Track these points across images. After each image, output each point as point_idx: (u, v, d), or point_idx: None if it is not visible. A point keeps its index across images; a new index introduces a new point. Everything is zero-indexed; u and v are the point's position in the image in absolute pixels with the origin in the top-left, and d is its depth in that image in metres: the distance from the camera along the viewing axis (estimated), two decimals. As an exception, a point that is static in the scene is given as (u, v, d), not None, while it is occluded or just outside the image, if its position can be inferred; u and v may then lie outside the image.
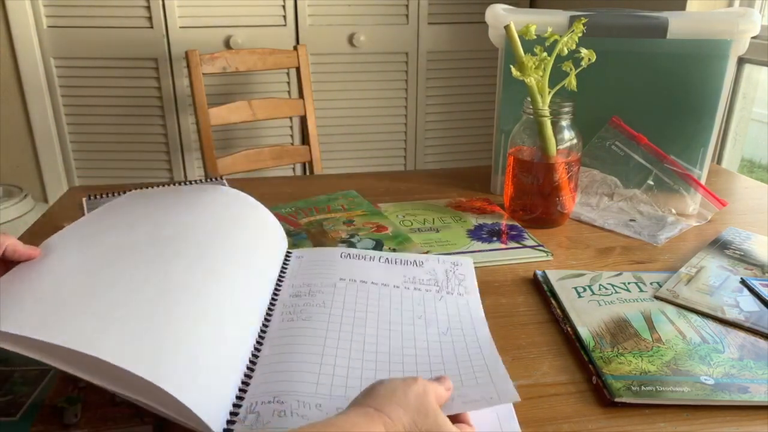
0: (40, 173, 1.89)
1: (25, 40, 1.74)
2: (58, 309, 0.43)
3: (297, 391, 0.46)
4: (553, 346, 0.57)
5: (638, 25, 0.86)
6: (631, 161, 0.89)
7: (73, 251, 0.52)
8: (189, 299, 0.48)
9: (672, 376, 0.51)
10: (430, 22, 1.94)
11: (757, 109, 1.40)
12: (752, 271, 0.70)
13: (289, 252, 0.70)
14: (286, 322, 0.55)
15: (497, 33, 0.88)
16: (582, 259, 0.76)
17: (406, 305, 0.60)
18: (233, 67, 1.64)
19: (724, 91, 0.85)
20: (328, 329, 0.55)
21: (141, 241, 0.54)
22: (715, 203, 0.88)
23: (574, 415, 0.48)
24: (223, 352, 0.47)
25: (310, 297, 0.60)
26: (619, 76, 0.89)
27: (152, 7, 1.75)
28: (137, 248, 0.53)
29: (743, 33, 0.82)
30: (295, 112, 1.77)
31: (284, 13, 1.84)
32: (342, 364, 0.50)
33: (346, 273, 0.65)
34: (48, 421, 0.46)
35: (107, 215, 0.61)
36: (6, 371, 0.52)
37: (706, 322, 0.60)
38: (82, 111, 1.85)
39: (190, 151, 1.93)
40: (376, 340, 0.54)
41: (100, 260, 0.50)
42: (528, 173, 0.83)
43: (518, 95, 0.83)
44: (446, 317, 0.59)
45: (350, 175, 1.12)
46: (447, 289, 0.64)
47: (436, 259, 0.70)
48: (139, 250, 0.53)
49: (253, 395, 0.46)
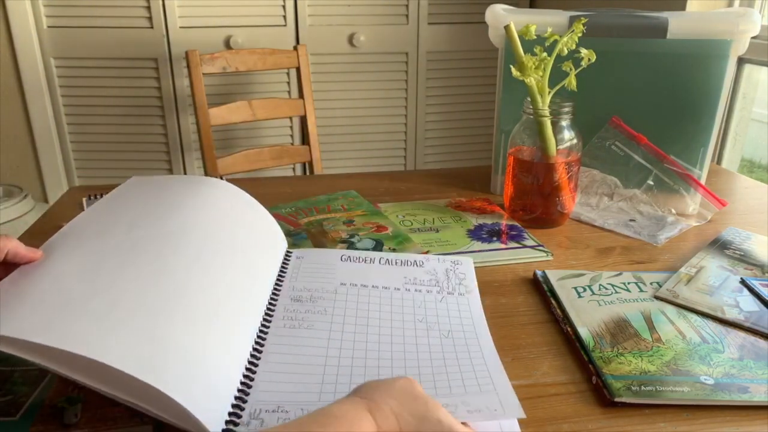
0: (40, 173, 1.89)
1: (25, 40, 1.74)
2: (57, 312, 0.43)
3: (300, 400, 0.46)
4: (553, 346, 0.57)
5: (638, 25, 0.86)
6: (631, 161, 0.89)
7: (73, 252, 0.52)
8: (188, 300, 0.48)
9: (672, 376, 0.51)
10: (430, 22, 1.94)
11: (757, 109, 1.40)
12: (752, 271, 0.70)
13: (290, 251, 0.70)
14: (288, 329, 0.55)
15: (497, 33, 0.88)
16: (582, 259, 0.76)
17: (407, 309, 0.60)
18: (233, 67, 1.64)
19: (724, 91, 0.85)
20: (330, 337, 0.55)
21: (141, 239, 0.54)
22: (715, 203, 0.88)
23: (574, 415, 0.48)
24: (221, 353, 0.47)
25: (312, 303, 0.60)
26: (619, 76, 0.89)
27: (152, 7, 1.75)
28: (137, 247, 0.53)
29: (743, 33, 0.82)
30: (295, 112, 1.77)
31: (284, 13, 1.84)
32: (345, 372, 0.50)
33: (346, 277, 0.65)
34: (48, 421, 0.46)
35: (109, 210, 0.60)
36: (6, 371, 0.52)
37: (706, 322, 0.60)
38: (82, 111, 1.85)
39: (190, 151, 1.93)
40: (378, 347, 0.54)
41: (100, 261, 0.50)
42: (528, 173, 0.83)
43: (518, 95, 0.83)
44: (447, 319, 0.59)
45: (350, 175, 1.12)
46: (448, 289, 0.64)
47: (437, 259, 0.70)
48: (139, 249, 0.52)
49: (257, 401, 0.46)
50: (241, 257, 0.59)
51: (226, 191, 0.68)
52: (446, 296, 0.63)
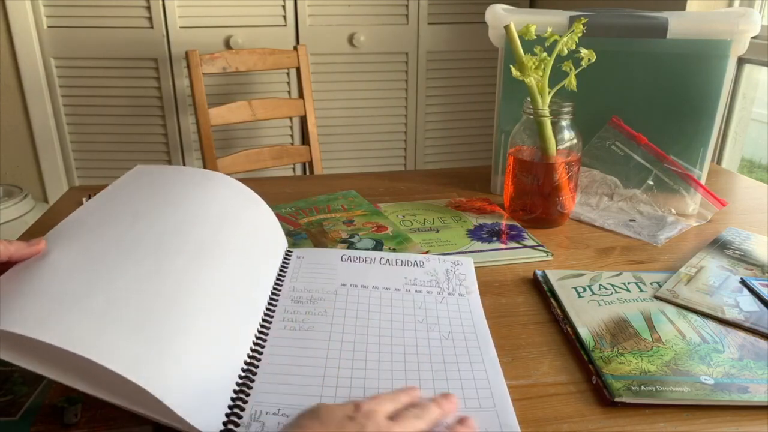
0: (40, 173, 1.89)
1: (25, 40, 1.74)
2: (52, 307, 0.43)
3: (301, 403, 0.46)
4: (553, 346, 0.57)
5: (638, 25, 0.86)
6: (631, 161, 0.89)
7: (74, 244, 0.51)
8: (185, 300, 0.48)
9: (672, 376, 0.51)
10: (430, 22, 1.94)
11: (757, 109, 1.40)
12: (752, 271, 0.70)
13: (290, 251, 0.70)
14: (288, 330, 0.55)
15: (497, 33, 0.88)
16: (582, 259, 0.76)
17: (408, 310, 0.60)
18: (233, 67, 1.64)
19: (724, 91, 0.85)
20: (330, 339, 0.55)
21: (143, 234, 0.54)
22: (715, 203, 0.88)
23: (574, 415, 0.48)
24: (218, 353, 0.47)
25: (312, 304, 0.60)
26: (619, 76, 0.89)
27: (152, 7, 1.75)
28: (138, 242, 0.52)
29: (743, 33, 0.82)
30: (295, 112, 1.77)
31: (284, 13, 1.84)
32: (345, 375, 0.50)
33: (347, 278, 0.65)
34: (48, 421, 0.46)
35: (113, 200, 0.60)
36: (6, 371, 0.52)
37: (706, 322, 0.60)
38: (82, 111, 1.85)
39: (190, 151, 1.93)
40: (378, 349, 0.54)
41: (100, 254, 0.50)
42: (528, 173, 0.83)
43: (518, 95, 0.83)
44: (447, 320, 0.59)
45: (350, 175, 1.12)
46: (448, 289, 0.64)
47: (437, 259, 0.70)
48: (140, 245, 0.52)
49: (258, 402, 0.46)
50: (241, 257, 0.59)
51: (229, 187, 0.67)
52: (446, 297, 0.63)
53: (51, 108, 1.82)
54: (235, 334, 0.51)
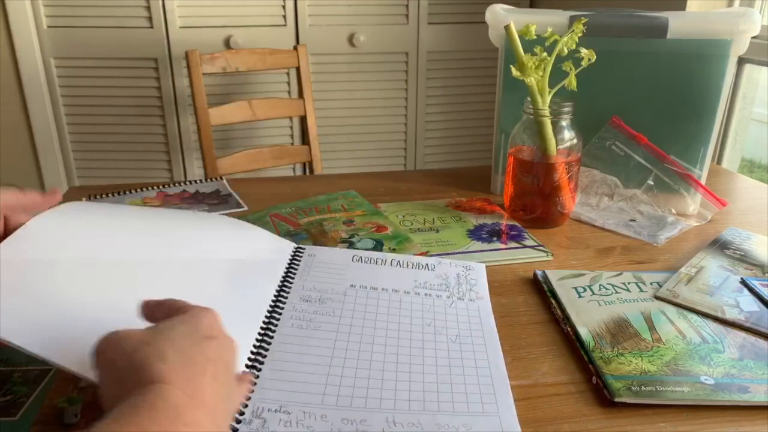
0: (40, 173, 1.89)
1: (25, 40, 1.74)
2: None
3: (303, 401, 0.46)
4: (553, 346, 0.57)
5: (638, 25, 0.86)
6: (631, 161, 0.89)
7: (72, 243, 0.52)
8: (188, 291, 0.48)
9: (672, 376, 0.51)
10: (430, 22, 1.94)
11: (757, 109, 1.40)
12: (752, 271, 0.70)
13: (302, 247, 0.70)
14: (295, 329, 0.56)
15: (497, 33, 0.88)
16: (582, 259, 0.76)
17: (416, 312, 0.60)
18: (233, 67, 1.64)
19: (724, 91, 0.85)
20: (336, 339, 0.55)
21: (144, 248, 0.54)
22: (715, 203, 0.88)
23: (574, 415, 0.48)
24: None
25: (320, 304, 0.60)
26: (619, 76, 0.89)
27: (152, 7, 1.75)
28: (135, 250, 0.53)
29: (743, 33, 0.82)
30: (295, 112, 1.77)
31: (284, 13, 1.84)
32: (349, 374, 0.50)
33: (357, 279, 0.65)
34: (48, 421, 0.46)
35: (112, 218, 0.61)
36: (6, 371, 0.52)
37: (706, 322, 0.60)
38: (82, 111, 1.85)
39: (190, 151, 1.93)
40: (384, 350, 0.54)
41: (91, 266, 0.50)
42: (528, 173, 0.83)
43: (518, 95, 0.83)
44: (456, 324, 0.59)
45: (350, 175, 1.12)
46: (458, 294, 0.64)
47: (448, 263, 0.70)
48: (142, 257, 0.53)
49: (261, 399, 0.46)
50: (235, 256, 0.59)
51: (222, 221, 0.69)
52: (456, 301, 0.63)
53: (51, 108, 1.82)
54: (237, 331, 0.51)
